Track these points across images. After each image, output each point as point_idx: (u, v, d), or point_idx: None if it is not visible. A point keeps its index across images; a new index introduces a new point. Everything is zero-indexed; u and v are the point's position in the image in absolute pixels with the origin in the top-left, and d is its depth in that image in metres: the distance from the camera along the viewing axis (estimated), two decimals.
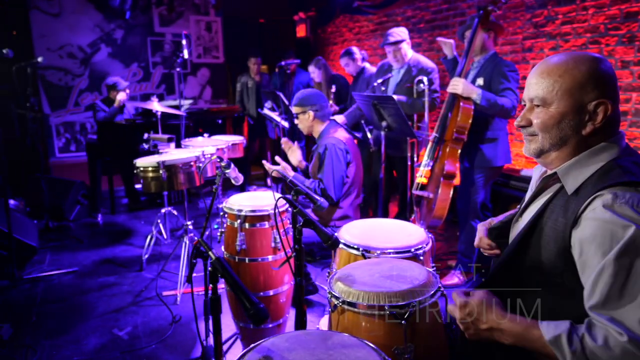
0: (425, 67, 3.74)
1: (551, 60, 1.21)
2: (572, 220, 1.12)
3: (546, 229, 1.19)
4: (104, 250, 4.03)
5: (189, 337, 2.72)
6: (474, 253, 3.23)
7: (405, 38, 3.74)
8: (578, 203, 1.13)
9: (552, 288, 1.19)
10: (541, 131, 1.21)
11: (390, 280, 1.45)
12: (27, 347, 2.60)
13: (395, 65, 3.84)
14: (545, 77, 1.19)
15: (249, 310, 1.13)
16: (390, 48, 3.75)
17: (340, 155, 2.69)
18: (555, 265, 1.16)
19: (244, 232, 2.27)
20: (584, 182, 1.16)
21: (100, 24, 6.42)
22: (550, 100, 1.18)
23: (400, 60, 3.77)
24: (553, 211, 1.19)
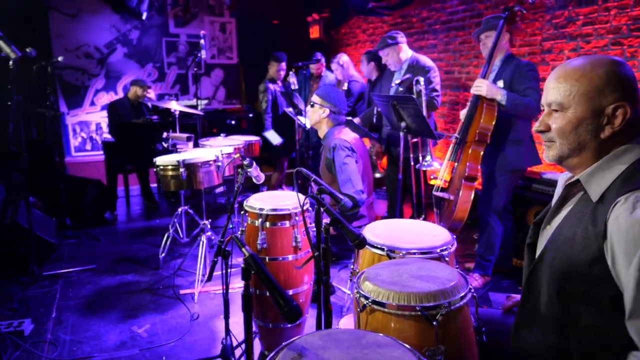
0: (423, 66, 3.71)
1: (569, 65, 1.20)
2: (602, 228, 1.09)
3: (577, 239, 1.15)
4: (120, 248, 4.06)
5: (207, 335, 2.73)
6: (493, 255, 3.20)
7: (399, 41, 3.71)
8: (604, 210, 1.10)
9: (589, 299, 1.14)
10: (559, 137, 1.20)
11: (420, 281, 1.44)
12: (48, 343, 2.62)
13: (392, 68, 3.84)
14: (563, 82, 1.17)
15: (283, 308, 1.12)
16: (381, 53, 3.77)
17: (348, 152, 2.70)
18: (589, 274, 1.12)
19: (265, 231, 2.27)
20: (608, 187, 1.13)
21: (117, 24, 6.48)
22: (568, 104, 1.16)
23: (392, 64, 3.78)
24: (582, 219, 1.16)
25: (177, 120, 3.81)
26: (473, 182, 2.98)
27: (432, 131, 2.94)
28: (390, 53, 3.68)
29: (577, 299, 1.15)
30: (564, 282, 1.16)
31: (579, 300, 1.15)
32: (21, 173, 4.62)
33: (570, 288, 1.17)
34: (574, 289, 1.16)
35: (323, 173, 2.90)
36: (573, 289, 1.16)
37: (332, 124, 2.84)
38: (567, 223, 1.20)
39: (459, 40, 5.19)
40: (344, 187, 2.67)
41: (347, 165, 2.68)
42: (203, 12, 7.04)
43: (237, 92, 7.53)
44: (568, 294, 1.16)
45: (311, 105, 2.90)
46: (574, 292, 1.16)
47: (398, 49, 3.68)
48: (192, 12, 6.93)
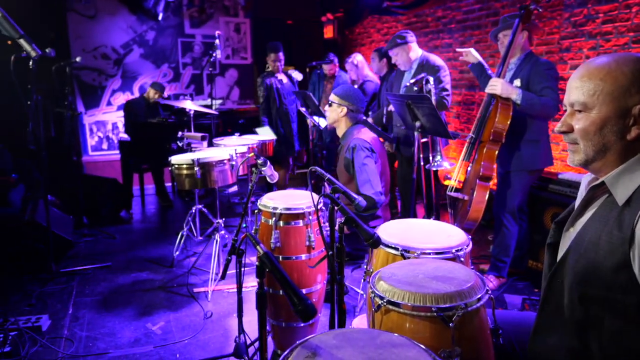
0: (433, 65, 3.67)
1: (593, 63, 1.16)
2: (628, 234, 1.05)
3: (601, 243, 1.12)
4: (135, 247, 4.10)
5: (220, 334, 2.74)
6: (508, 257, 3.15)
7: (409, 41, 3.69)
8: (632, 215, 1.07)
9: (613, 304, 1.10)
10: (582, 138, 1.16)
11: (436, 281, 1.42)
12: (65, 339, 2.66)
13: (401, 68, 3.81)
14: (586, 81, 1.14)
15: (297, 306, 1.12)
16: (391, 52, 3.75)
17: (368, 152, 2.69)
18: (614, 280, 1.08)
19: (278, 230, 2.27)
20: (635, 190, 1.09)
21: (133, 25, 6.56)
22: (592, 104, 1.13)
23: (401, 64, 3.75)
24: (606, 223, 1.12)
25: (192, 120, 3.83)
26: (488, 182, 2.94)
27: (447, 130, 2.91)
28: (400, 53, 3.66)
29: (600, 304, 1.12)
30: (587, 286, 1.13)
31: (602, 304, 1.11)
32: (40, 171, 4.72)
33: (593, 293, 1.13)
34: (597, 293, 1.12)
35: (340, 172, 2.88)
36: (596, 293, 1.13)
37: (350, 122, 2.83)
38: (591, 226, 1.17)
39: (474, 39, 5.13)
40: (363, 188, 2.66)
41: (366, 166, 2.66)
42: (218, 12, 7.09)
43: (250, 92, 7.57)
44: (590, 298, 1.12)
45: (329, 104, 2.89)
46: (596, 296, 1.13)
47: (408, 48, 3.65)
48: (207, 12, 6.98)
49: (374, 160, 2.70)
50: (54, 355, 2.51)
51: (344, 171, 2.80)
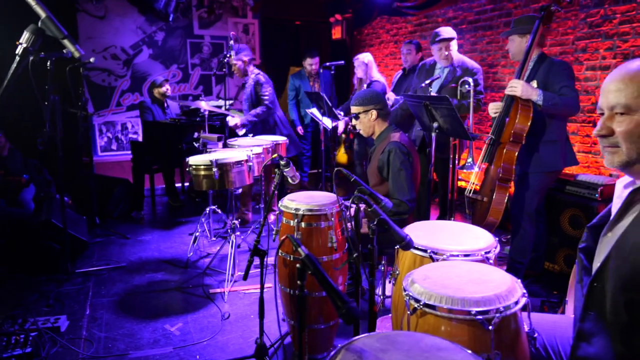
0: (470, 67, 3.68)
1: (632, 66, 1.16)
2: None
3: None
4: (148, 247, 4.10)
5: (239, 335, 2.73)
6: (525, 258, 3.13)
7: (455, 36, 3.70)
8: None
9: None
10: (625, 141, 1.15)
11: (472, 284, 1.40)
12: (84, 340, 2.66)
13: (443, 64, 3.79)
14: (628, 83, 1.13)
15: (341, 309, 1.11)
16: (438, 45, 3.71)
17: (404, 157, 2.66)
18: None
19: (300, 232, 2.26)
20: None
21: (142, 26, 6.56)
22: (636, 107, 1.13)
23: (448, 59, 3.73)
24: None
25: (206, 120, 3.83)
26: (507, 183, 2.93)
27: (467, 132, 2.90)
28: (448, 46, 3.65)
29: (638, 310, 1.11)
30: (633, 292, 1.12)
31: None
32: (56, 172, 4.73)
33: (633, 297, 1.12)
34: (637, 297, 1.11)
35: (372, 173, 2.85)
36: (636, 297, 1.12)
37: (383, 121, 2.80)
38: (633, 230, 1.15)
39: (486, 40, 5.11)
40: (398, 194, 2.64)
41: (402, 172, 2.64)
42: (227, 13, 7.08)
43: None
44: (637, 302, 1.11)
45: (354, 117, 2.83)
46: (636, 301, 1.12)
47: (455, 43, 3.67)
48: (216, 13, 6.98)
49: (409, 164, 2.68)
50: (74, 356, 2.50)
51: (377, 173, 2.77)
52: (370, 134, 2.90)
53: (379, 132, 2.86)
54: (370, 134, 2.90)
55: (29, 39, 1.12)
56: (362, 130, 2.90)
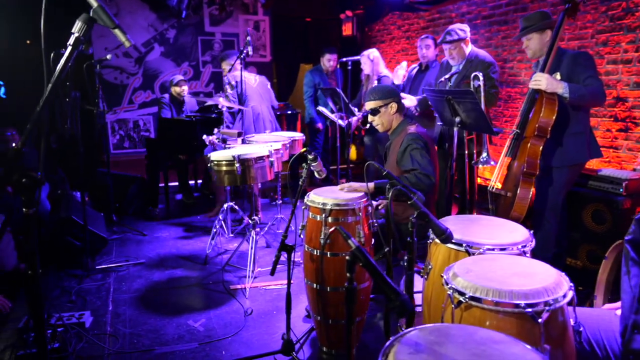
0: (483, 60, 3.63)
1: None
2: None
3: None
4: (165, 244, 4.10)
5: (263, 331, 2.72)
6: (549, 253, 3.10)
7: (466, 36, 3.65)
8: None
9: None
10: None
11: (518, 277, 1.39)
12: (109, 335, 2.66)
13: (452, 63, 3.76)
14: None
15: (394, 302, 1.09)
16: (447, 46, 3.69)
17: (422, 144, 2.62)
18: None
19: (328, 227, 2.24)
20: None
21: (154, 23, 6.57)
22: None
23: (456, 59, 3.70)
24: None
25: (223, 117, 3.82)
26: (532, 177, 2.90)
27: (491, 126, 2.87)
28: (458, 47, 3.61)
29: None
30: None
31: None
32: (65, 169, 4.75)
33: None
34: None
35: (391, 168, 2.82)
36: None
37: (400, 117, 2.76)
38: None
39: (501, 35, 5.07)
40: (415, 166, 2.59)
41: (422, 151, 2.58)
42: (238, 10, 7.07)
43: None
44: None
45: (373, 113, 2.76)
46: None
47: (466, 43, 3.62)
48: (227, 10, 6.97)
49: (427, 152, 2.64)
50: (101, 352, 2.51)
51: (396, 167, 2.74)
52: (388, 128, 2.84)
53: (395, 126, 2.80)
54: (387, 128, 2.85)
55: (80, 28, 1.11)
56: (380, 125, 2.83)
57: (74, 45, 1.12)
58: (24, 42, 6.30)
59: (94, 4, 1.13)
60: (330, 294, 2.33)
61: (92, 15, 1.13)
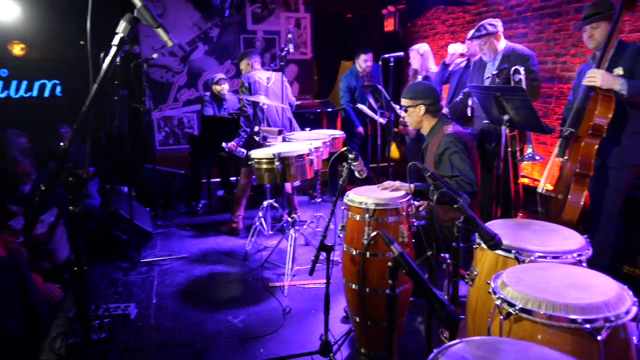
0: (521, 54, 3.42)
1: None
2: None
3: None
4: (207, 239, 4.19)
5: (300, 330, 2.72)
6: (606, 260, 2.91)
7: (496, 31, 3.46)
8: None
9: None
10: None
11: (574, 289, 1.29)
12: (153, 328, 2.74)
13: (485, 59, 3.59)
14: None
15: (440, 313, 1.04)
16: (476, 41, 3.52)
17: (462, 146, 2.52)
18: None
19: (372, 227, 2.19)
20: None
21: (198, 22, 6.71)
22: None
23: (487, 54, 3.52)
24: None
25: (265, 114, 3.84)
26: (585, 179, 2.73)
27: (542, 124, 2.72)
28: (488, 42, 3.45)
29: None
30: None
31: None
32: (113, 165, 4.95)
33: None
34: None
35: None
36: None
37: (432, 117, 2.67)
38: None
39: (553, 28, 4.81)
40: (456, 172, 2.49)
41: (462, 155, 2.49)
42: (279, 8, 7.10)
43: (310, 87, 7.55)
44: None
45: (404, 110, 2.70)
46: None
47: (497, 37, 3.45)
48: (269, 8, 7.02)
49: (468, 154, 2.53)
50: (144, 344, 2.58)
51: (434, 171, 2.66)
52: (418, 128, 2.76)
53: (429, 128, 2.70)
54: (418, 128, 2.77)
55: (125, 28, 1.13)
56: (409, 123, 2.77)
57: (119, 45, 1.13)
58: (78, 43, 6.63)
59: (138, 3, 1.14)
60: (369, 295, 2.29)
61: (135, 15, 1.14)
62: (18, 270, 2.71)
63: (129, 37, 1.13)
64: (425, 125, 2.67)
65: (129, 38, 1.13)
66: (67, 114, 6.25)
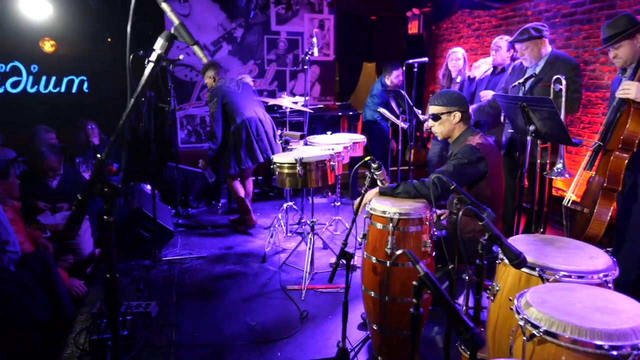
0: (567, 62, 3.34)
1: None
2: None
3: None
4: (226, 239, 4.23)
5: (317, 335, 2.73)
6: (632, 276, 2.84)
7: (542, 35, 3.37)
8: None
9: None
10: None
11: (601, 314, 1.27)
12: (172, 327, 2.78)
13: (525, 64, 3.51)
14: None
15: (464, 335, 1.03)
16: (519, 45, 3.43)
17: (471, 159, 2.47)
18: None
19: (395, 236, 2.19)
20: None
21: (223, 23, 6.78)
22: None
23: (528, 60, 3.43)
24: None
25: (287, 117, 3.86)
26: (613, 194, 2.67)
27: (569, 137, 2.67)
28: (531, 47, 3.34)
29: None
30: None
31: None
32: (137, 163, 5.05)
33: None
34: None
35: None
36: None
37: (464, 126, 2.63)
38: None
39: (583, 35, 4.71)
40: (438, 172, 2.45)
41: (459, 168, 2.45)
42: (303, 9, 7.12)
43: (331, 89, 7.55)
44: None
45: (434, 118, 2.64)
46: None
47: (542, 43, 3.35)
48: (293, 9, 7.05)
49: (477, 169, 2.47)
50: (164, 342, 2.63)
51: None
52: (449, 136, 2.70)
53: (457, 136, 2.66)
54: (447, 137, 2.72)
55: (163, 45, 1.15)
56: (439, 133, 2.68)
57: (156, 62, 1.16)
58: (105, 40, 6.78)
59: (176, 21, 1.17)
60: (389, 304, 2.29)
61: (173, 32, 1.17)
62: (45, 265, 2.80)
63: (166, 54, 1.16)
64: (456, 134, 2.64)
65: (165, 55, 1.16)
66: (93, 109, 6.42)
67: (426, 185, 2.32)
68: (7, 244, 2.55)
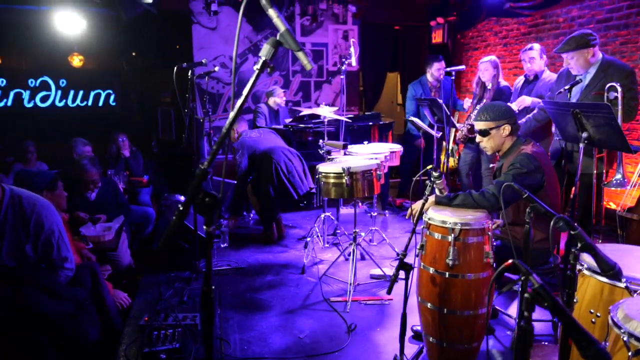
0: (622, 68, 3.23)
1: None
2: None
3: None
4: (262, 250, 4.20)
5: (368, 348, 2.67)
6: None
7: (594, 44, 3.27)
8: None
9: None
10: None
11: None
12: (220, 340, 2.75)
13: (574, 72, 3.42)
14: None
15: (587, 351, 0.98)
16: (565, 55, 3.35)
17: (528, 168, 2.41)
18: None
19: (457, 247, 2.14)
20: None
21: (249, 35, 6.84)
22: None
23: (575, 69, 3.34)
24: None
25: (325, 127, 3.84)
26: None
27: (627, 143, 2.59)
28: (577, 56, 3.24)
29: None
30: None
31: None
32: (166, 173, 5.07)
33: None
34: None
35: None
36: None
37: (513, 137, 2.58)
38: None
39: (619, 41, 4.64)
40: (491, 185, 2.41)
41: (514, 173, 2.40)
42: (328, 20, 7.16)
43: (355, 99, 7.55)
44: None
45: (482, 134, 2.59)
46: None
47: (589, 52, 3.25)
48: (318, 20, 7.09)
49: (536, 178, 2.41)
50: (215, 355, 2.59)
51: None
52: (498, 150, 2.64)
53: (507, 148, 2.60)
54: (497, 150, 2.65)
55: (269, 52, 1.14)
56: (488, 148, 2.62)
57: (261, 68, 1.15)
58: (130, 54, 6.89)
59: (282, 28, 1.15)
60: (449, 317, 2.23)
61: (278, 39, 1.16)
62: (94, 277, 2.80)
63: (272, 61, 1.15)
64: (506, 146, 2.58)
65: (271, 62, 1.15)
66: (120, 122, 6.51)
67: (486, 197, 2.27)
68: (66, 260, 2.55)
